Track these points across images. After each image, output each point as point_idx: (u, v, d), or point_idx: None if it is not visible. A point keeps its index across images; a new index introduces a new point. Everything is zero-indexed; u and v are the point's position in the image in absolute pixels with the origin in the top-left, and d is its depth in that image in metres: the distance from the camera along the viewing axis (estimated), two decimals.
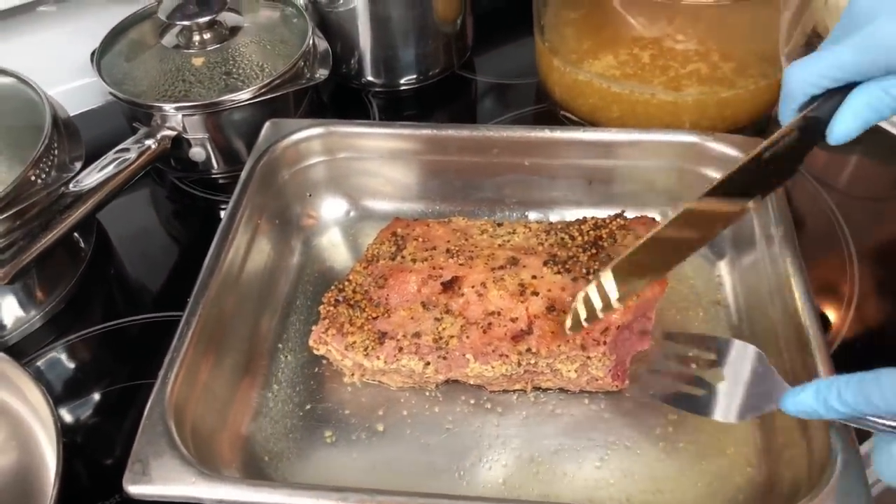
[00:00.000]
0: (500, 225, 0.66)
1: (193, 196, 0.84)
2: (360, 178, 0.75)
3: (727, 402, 0.50)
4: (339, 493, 0.48)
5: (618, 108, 0.79)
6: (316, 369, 0.64)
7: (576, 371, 0.58)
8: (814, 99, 0.47)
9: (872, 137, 0.83)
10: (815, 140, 0.48)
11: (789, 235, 0.61)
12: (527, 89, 0.95)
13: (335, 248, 0.75)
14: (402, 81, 0.93)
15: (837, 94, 0.46)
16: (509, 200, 0.75)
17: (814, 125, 0.47)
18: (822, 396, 0.43)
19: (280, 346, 0.66)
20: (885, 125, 0.85)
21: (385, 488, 0.50)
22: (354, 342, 0.59)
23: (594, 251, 0.62)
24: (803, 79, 0.46)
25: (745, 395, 0.50)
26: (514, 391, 0.62)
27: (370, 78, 0.93)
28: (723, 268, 0.70)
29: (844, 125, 0.45)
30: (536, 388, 0.61)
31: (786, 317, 0.58)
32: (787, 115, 0.49)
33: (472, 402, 0.62)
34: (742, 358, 0.51)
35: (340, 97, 0.95)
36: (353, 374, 0.63)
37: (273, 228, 0.71)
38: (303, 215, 0.75)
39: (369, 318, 0.60)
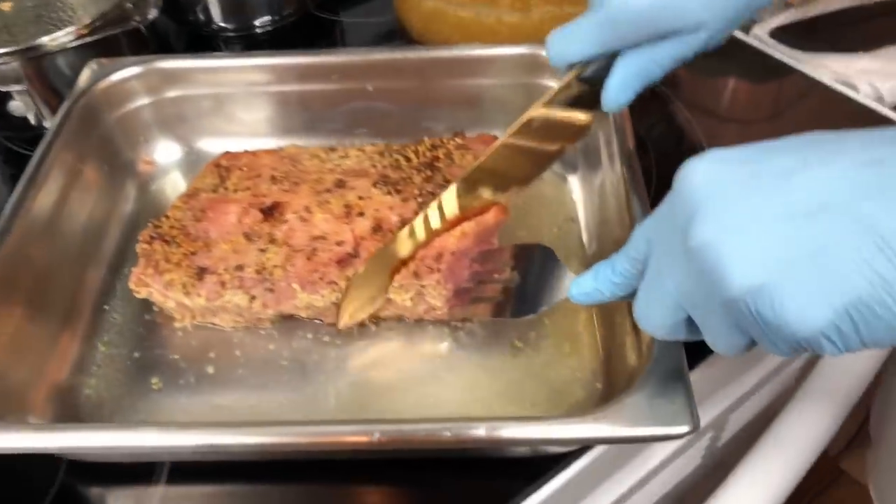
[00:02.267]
0: (332, 150, 0.63)
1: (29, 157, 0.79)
2: (196, 118, 0.71)
3: (522, 300, 0.50)
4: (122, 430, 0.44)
5: (468, 34, 0.76)
6: (146, 316, 0.60)
7: (411, 300, 0.55)
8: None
9: (744, 58, 0.83)
10: (598, 92, 0.48)
11: (628, 155, 0.59)
12: (388, 27, 0.91)
13: (176, 193, 0.70)
14: (255, 24, 0.89)
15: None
16: (359, 131, 0.72)
17: (591, 82, 0.48)
18: (600, 273, 0.42)
19: (109, 295, 0.62)
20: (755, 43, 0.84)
21: None
22: (172, 280, 0.55)
23: (429, 172, 0.59)
24: (562, 55, 0.47)
25: (538, 290, 0.49)
26: None
27: (221, 23, 0.88)
28: (575, 184, 0.67)
29: (618, 96, 0.46)
30: (377, 318, 0.58)
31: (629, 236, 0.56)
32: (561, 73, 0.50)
33: (310, 336, 0.58)
34: (533, 257, 0.51)
35: (194, 47, 0.90)
36: (183, 318, 0.59)
37: (101, 175, 0.66)
38: (137, 161, 0.71)
39: (187, 253, 0.56)
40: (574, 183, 0.67)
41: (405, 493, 0.52)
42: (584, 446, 0.53)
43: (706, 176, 0.32)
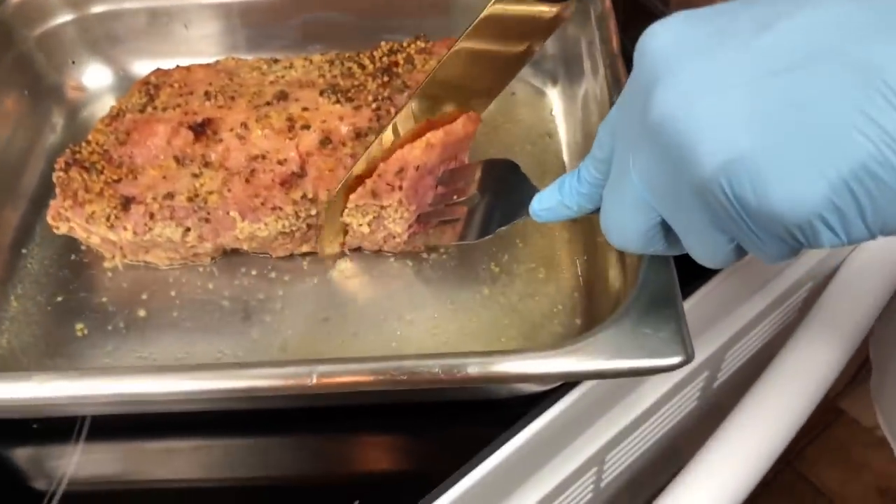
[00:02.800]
0: (276, 61, 0.55)
1: None
2: (128, 38, 0.63)
3: (482, 220, 0.44)
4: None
5: None
6: (73, 256, 0.54)
7: (368, 225, 0.48)
8: None
9: None
10: None
11: (612, 60, 0.52)
12: None
13: None
14: None
15: None
16: (313, 48, 0.64)
17: None
18: (565, 184, 0.36)
19: (29, 235, 0.55)
20: None
21: None
22: (94, 212, 0.48)
23: (386, 78, 0.52)
24: None
25: (499, 207, 0.43)
26: (304, 255, 0.52)
27: None
28: (555, 98, 0.60)
29: None
30: None
31: None
32: None
33: (255, 272, 0.52)
34: (495, 172, 0.45)
35: None
36: (112, 257, 0.52)
37: (21, 102, 0.59)
38: (65, 86, 0.63)
39: (109, 181, 0.49)
40: (553, 96, 0.60)
41: (375, 442, 0.47)
42: (567, 386, 0.46)
43: (667, 38, 0.26)
